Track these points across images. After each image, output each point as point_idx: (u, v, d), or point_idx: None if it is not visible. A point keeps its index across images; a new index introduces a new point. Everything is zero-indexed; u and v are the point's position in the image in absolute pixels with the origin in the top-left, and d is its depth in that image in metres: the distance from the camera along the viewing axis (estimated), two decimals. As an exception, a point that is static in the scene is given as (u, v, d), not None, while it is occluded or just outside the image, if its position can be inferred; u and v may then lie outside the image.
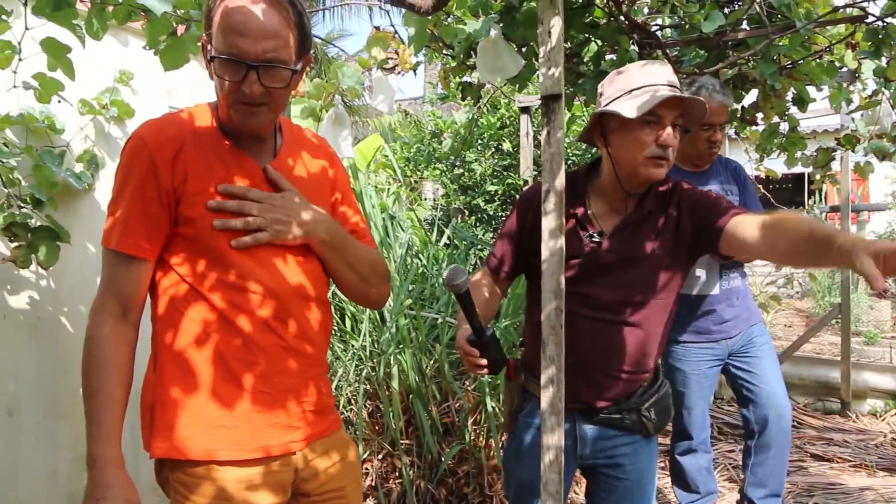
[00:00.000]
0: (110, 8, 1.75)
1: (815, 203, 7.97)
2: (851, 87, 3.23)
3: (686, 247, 1.77)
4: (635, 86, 1.68)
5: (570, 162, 6.12)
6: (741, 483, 3.11)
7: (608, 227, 1.79)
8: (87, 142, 2.36)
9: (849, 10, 2.39)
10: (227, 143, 1.39)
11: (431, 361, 3.34)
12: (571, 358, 1.68)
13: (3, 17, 1.68)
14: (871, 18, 2.39)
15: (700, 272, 2.78)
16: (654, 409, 1.83)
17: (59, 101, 2.05)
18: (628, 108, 1.66)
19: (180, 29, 1.85)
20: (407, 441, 3.22)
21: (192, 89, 2.58)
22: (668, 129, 1.67)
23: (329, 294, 1.57)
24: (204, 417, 1.33)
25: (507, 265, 1.91)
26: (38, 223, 2.07)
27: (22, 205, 2.04)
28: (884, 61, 2.56)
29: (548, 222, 1.49)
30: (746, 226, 1.57)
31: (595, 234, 1.77)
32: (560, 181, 1.47)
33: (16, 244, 2.03)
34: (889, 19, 2.37)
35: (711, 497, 3.10)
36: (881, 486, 3.57)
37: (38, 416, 2.22)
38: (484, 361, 1.65)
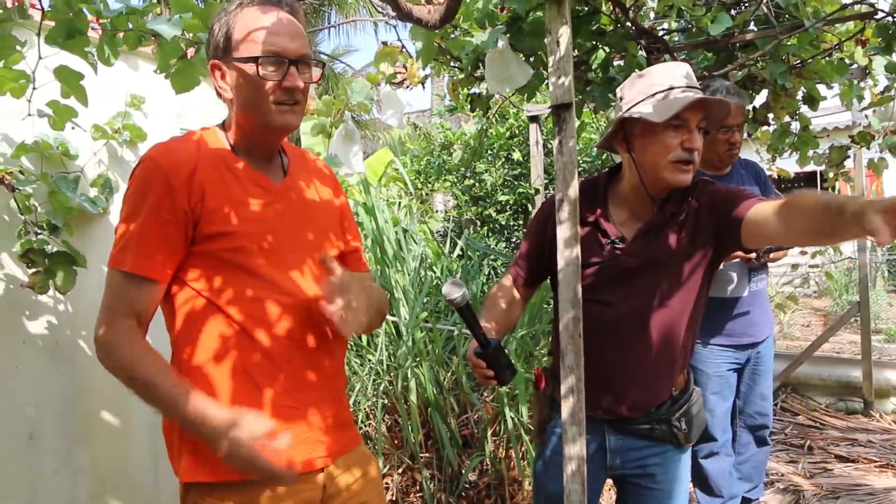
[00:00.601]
0: (121, 34, 1.78)
1: (828, 201, 7.90)
2: (862, 84, 3.20)
3: (709, 240, 1.73)
4: (658, 89, 1.66)
5: (579, 170, 6.08)
6: None
7: (629, 233, 1.77)
8: (100, 166, 2.38)
9: (857, 6, 2.37)
10: (240, 162, 1.41)
11: (449, 373, 3.33)
12: (593, 366, 1.66)
13: (18, 47, 1.70)
14: (880, 14, 2.38)
15: (732, 274, 2.79)
16: (684, 420, 1.80)
17: (73, 128, 2.07)
18: (654, 113, 1.63)
19: (190, 52, 1.87)
20: (426, 454, 3.21)
21: (202, 111, 2.60)
22: (694, 133, 1.66)
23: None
24: None
25: (529, 274, 1.91)
26: (55, 249, 2.09)
27: (39, 231, 2.06)
28: (894, 56, 2.54)
29: (562, 231, 1.48)
30: (765, 211, 1.55)
31: (617, 241, 1.75)
32: (573, 190, 1.47)
33: (33, 270, 2.05)
34: (899, 15, 2.36)
35: (735, 500, 3.12)
36: (908, 487, 3.52)
37: (59, 440, 2.23)
38: (491, 373, 1.64)
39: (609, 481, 2.01)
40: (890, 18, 2.38)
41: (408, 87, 2.54)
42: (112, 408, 2.40)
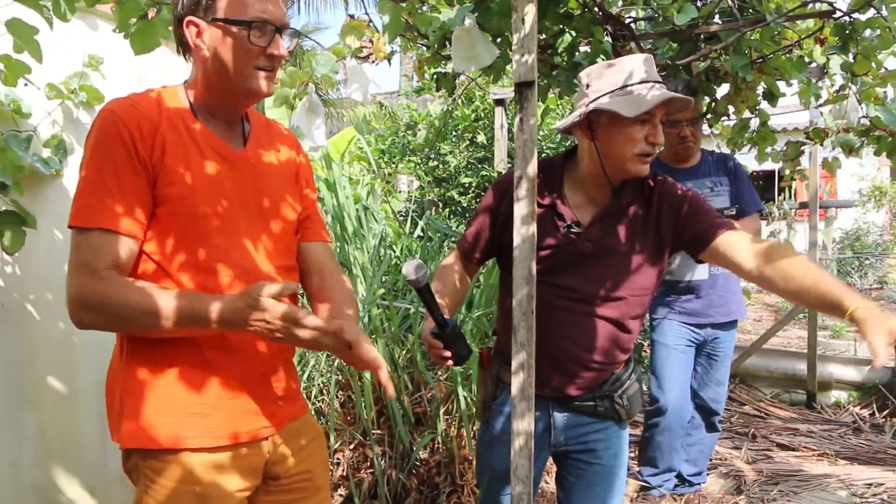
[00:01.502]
0: (78, -11, 1.73)
1: (784, 199, 8.09)
2: (820, 84, 3.28)
3: (665, 240, 1.79)
4: (629, 82, 1.68)
5: (543, 154, 6.14)
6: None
7: (585, 217, 1.80)
8: (55, 127, 2.32)
9: (817, 5, 2.42)
10: (200, 126, 1.38)
11: (404, 351, 3.34)
12: (545, 346, 1.72)
13: (-33, -5, 1.65)
14: (838, 14, 2.43)
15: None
16: (626, 397, 1.86)
17: (26, 85, 2.02)
18: (626, 107, 1.65)
19: (151, 13, 1.83)
20: (379, 431, 3.22)
21: (163, 74, 2.55)
22: (658, 127, 1.70)
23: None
24: (175, 404, 1.32)
25: (479, 250, 1.92)
26: (3, 208, 2.04)
27: (-14, 189, 2.00)
28: (850, 56, 2.61)
29: (520, 209, 1.49)
30: (740, 249, 1.61)
31: (572, 224, 1.78)
32: (532, 168, 1.48)
33: (-20, 229, 2.00)
34: (856, 15, 2.41)
35: (671, 474, 3.23)
36: (842, 474, 3.67)
37: (3, 405, 2.19)
38: (448, 353, 1.65)
39: (549, 462, 2.05)
40: (847, 18, 2.44)
41: (374, 61, 2.51)
42: (59, 373, 2.36)
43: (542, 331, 1.66)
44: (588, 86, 1.75)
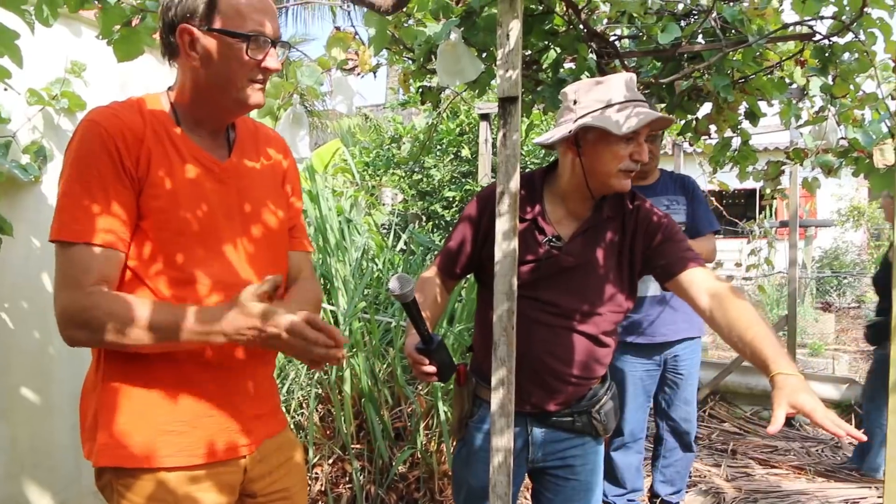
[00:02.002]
0: (62, -6, 1.71)
1: (765, 218, 8.17)
2: (801, 104, 3.32)
3: (635, 266, 1.82)
4: (617, 100, 1.70)
5: (527, 169, 6.13)
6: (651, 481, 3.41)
7: (565, 231, 1.81)
8: (35, 133, 2.30)
9: (798, 27, 2.46)
10: (184, 136, 1.36)
11: (384, 365, 3.32)
12: (526, 361, 1.72)
13: (-52, -1, 1.63)
14: (818, 37, 2.47)
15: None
16: (602, 412, 1.86)
17: (6, 90, 2.00)
18: (615, 125, 1.67)
19: (135, 20, 1.81)
20: (358, 446, 3.19)
21: (147, 82, 2.53)
22: (643, 146, 1.73)
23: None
24: (151, 421, 1.29)
25: (460, 265, 1.90)
26: (-20, 214, 2.01)
27: (-37, 195, 1.98)
28: (829, 79, 2.64)
29: (501, 224, 1.49)
30: (700, 288, 1.66)
31: (553, 239, 1.78)
32: (515, 183, 1.48)
33: (-45, 236, 1.96)
34: (834, 38, 2.45)
35: (637, 493, 3.24)
36: (817, 490, 3.71)
37: (-25, 414, 2.15)
38: (432, 369, 1.64)
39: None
40: (826, 41, 2.48)
41: (359, 73, 2.51)
42: (33, 384, 2.32)
43: (523, 346, 1.67)
44: (575, 101, 1.76)
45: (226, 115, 1.41)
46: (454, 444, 2.01)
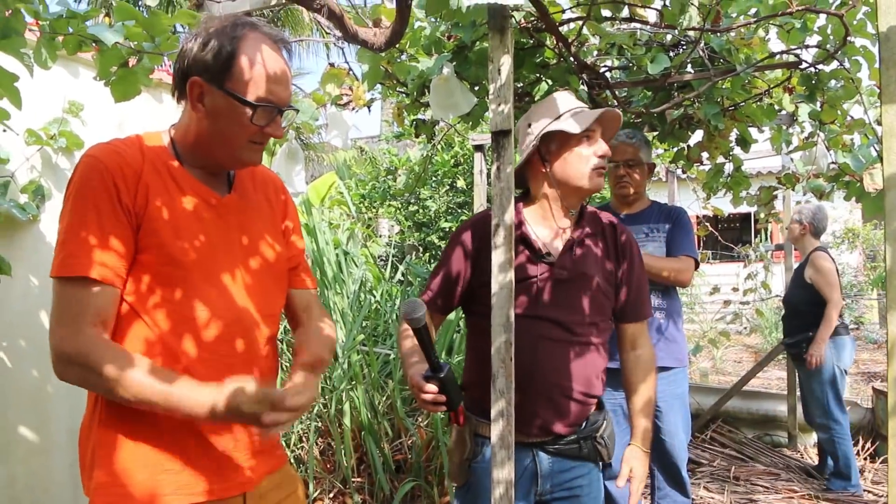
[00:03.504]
0: (60, 38, 1.74)
1: (760, 241, 8.20)
2: (791, 130, 3.36)
3: (615, 279, 1.91)
4: (562, 110, 1.82)
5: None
6: None
7: (554, 249, 1.85)
8: (33, 172, 2.32)
9: (784, 56, 2.50)
10: (184, 170, 1.38)
11: (384, 398, 3.31)
12: (533, 382, 1.74)
13: (-52, 44, 1.66)
14: (804, 65, 2.51)
15: None
16: (605, 436, 1.87)
17: (5, 131, 2.02)
18: (573, 124, 1.78)
19: (132, 61, 1.84)
20: (359, 479, 3.17)
21: (144, 122, 2.56)
22: (601, 142, 1.83)
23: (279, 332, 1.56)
24: (150, 460, 1.28)
25: (444, 300, 1.90)
26: (-22, 255, 2.02)
27: (-38, 236, 1.99)
28: (817, 105, 2.68)
29: (497, 256, 1.51)
30: (631, 345, 1.96)
31: (545, 255, 1.83)
32: (509, 216, 1.50)
33: (-46, 276, 1.97)
34: (820, 66, 2.49)
35: None
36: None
37: (-28, 455, 2.14)
38: (443, 398, 1.63)
39: None
40: (812, 69, 2.52)
41: (353, 108, 2.54)
42: (31, 422, 2.31)
43: (528, 366, 1.72)
44: (530, 125, 1.88)
45: (222, 166, 1.43)
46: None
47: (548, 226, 1.88)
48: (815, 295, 4.09)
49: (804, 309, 4.18)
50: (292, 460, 3.07)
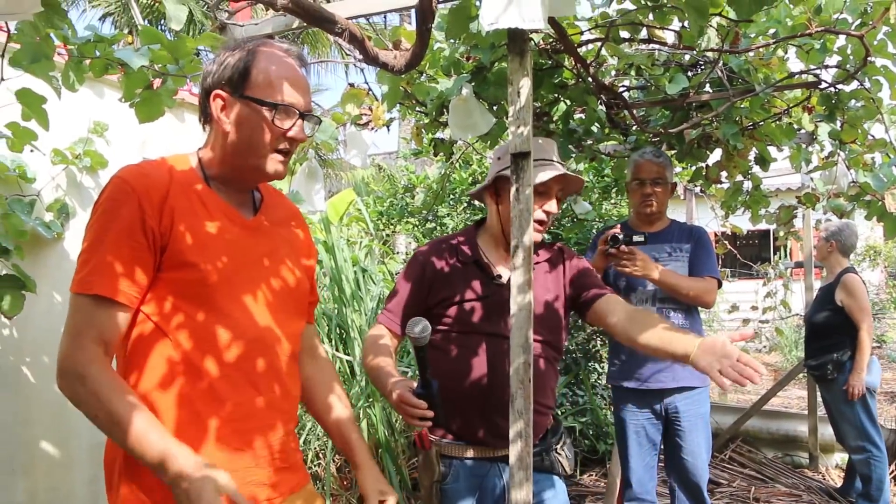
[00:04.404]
0: (87, 61, 1.78)
1: (780, 259, 8.14)
2: (810, 148, 3.34)
3: (568, 302, 1.99)
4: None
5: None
6: None
7: (504, 271, 1.94)
8: (58, 191, 2.36)
9: (804, 76, 2.50)
10: (210, 191, 1.40)
11: (401, 416, 3.31)
12: (495, 396, 1.82)
13: (-20, 68, 1.70)
14: (823, 85, 2.50)
15: None
16: (566, 448, 1.95)
17: (32, 151, 2.06)
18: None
19: (156, 82, 1.88)
20: (375, 497, 3.16)
21: (167, 142, 2.60)
22: (552, 200, 1.91)
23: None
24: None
25: (405, 318, 1.93)
26: (4, 272, 2.05)
27: (-12, 253, 2.02)
28: (838, 124, 2.67)
29: (516, 277, 1.51)
30: (611, 310, 1.87)
31: (497, 277, 1.93)
32: (528, 237, 1.51)
33: (-20, 293, 2.01)
34: (840, 86, 2.48)
35: None
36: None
37: (-5, 470, 2.17)
38: (432, 413, 1.65)
39: None
40: (832, 89, 2.51)
41: (372, 128, 2.57)
42: (53, 437, 2.33)
43: (489, 382, 1.82)
44: (499, 158, 1.98)
45: (247, 180, 1.45)
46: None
47: (498, 252, 1.98)
48: (845, 318, 3.96)
49: (829, 331, 4.08)
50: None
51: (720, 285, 2.92)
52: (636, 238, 2.63)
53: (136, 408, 1.23)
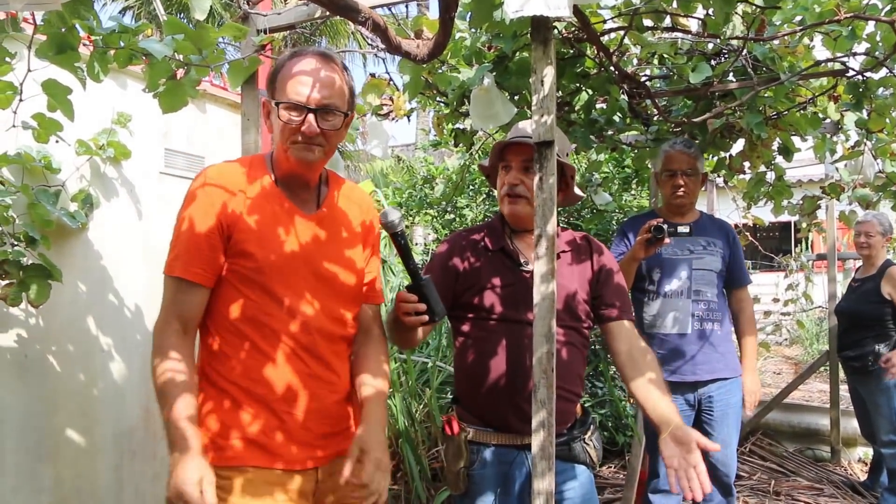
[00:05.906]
0: (112, 52, 1.79)
1: (801, 251, 8.05)
2: (835, 138, 3.30)
3: (590, 297, 1.97)
4: (506, 141, 1.95)
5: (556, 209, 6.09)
6: None
7: (531, 259, 1.91)
8: (82, 181, 2.38)
9: (830, 64, 2.46)
10: (276, 187, 1.58)
11: (421, 405, 3.32)
12: (523, 385, 1.82)
13: (7, 58, 1.71)
14: (851, 73, 2.46)
15: (675, 313, 2.86)
16: (594, 438, 1.94)
17: (57, 142, 2.07)
18: (486, 158, 1.97)
19: (179, 73, 1.88)
20: (395, 487, 3.18)
21: (189, 132, 2.61)
22: (514, 172, 1.91)
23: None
24: (240, 432, 1.50)
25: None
26: (31, 261, 2.07)
27: (15, 243, 2.05)
28: (865, 113, 2.63)
29: (539, 267, 1.51)
30: (621, 338, 1.90)
31: (524, 264, 1.92)
32: (552, 226, 1.50)
33: (6, 282, 2.03)
34: (868, 73, 2.44)
35: None
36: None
37: (21, 456, 2.19)
38: (423, 306, 1.62)
39: None
40: (860, 77, 2.47)
41: (393, 119, 2.57)
42: (79, 425, 2.36)
43: (516, 369, 1.82)
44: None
45: (293, 171, 1.59)
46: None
47: (523, 240, 1.98)
48: (889, 310, 3.94)
49: (870, 323, 4.02)
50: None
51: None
52: (681, 230, 2.65)
53: (182, 391, 1.43)
